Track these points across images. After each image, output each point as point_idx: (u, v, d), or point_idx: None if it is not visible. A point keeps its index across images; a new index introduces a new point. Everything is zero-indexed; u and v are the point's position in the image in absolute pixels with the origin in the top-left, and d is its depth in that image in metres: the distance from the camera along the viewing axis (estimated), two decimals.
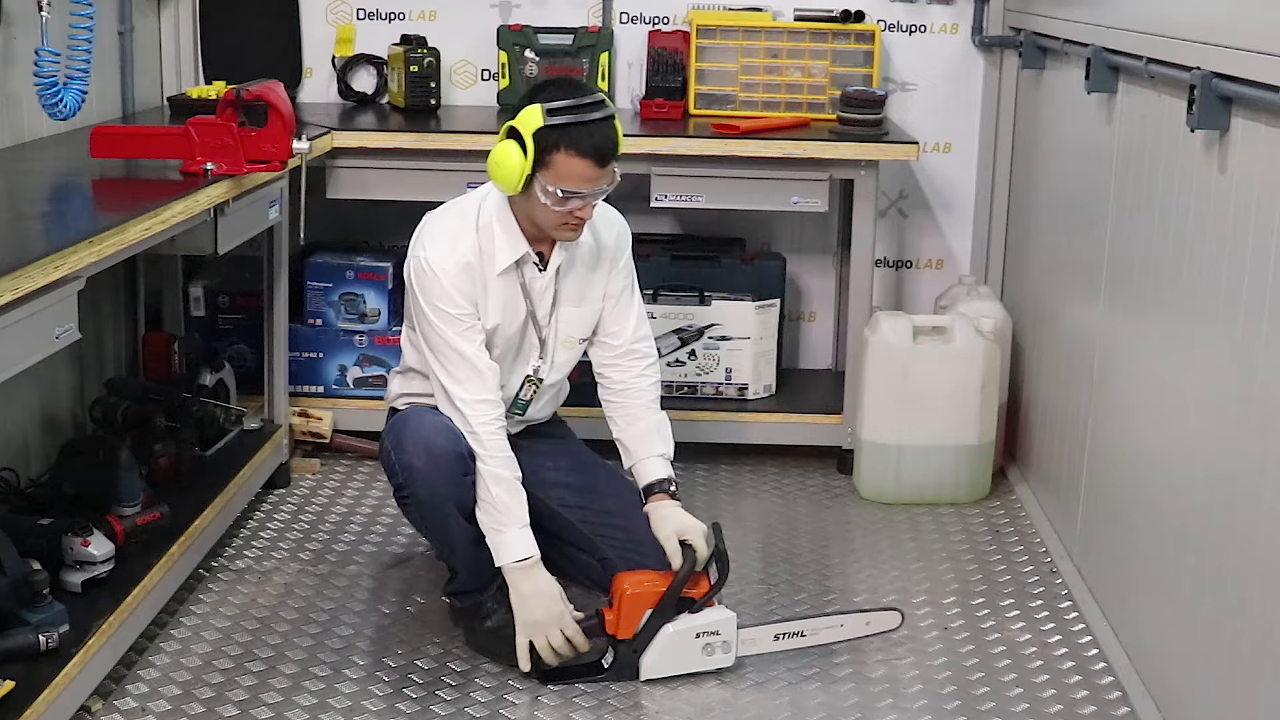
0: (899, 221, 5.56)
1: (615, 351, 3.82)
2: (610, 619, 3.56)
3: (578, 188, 3.49)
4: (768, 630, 3.67)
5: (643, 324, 3.86)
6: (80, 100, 3.87)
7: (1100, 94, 4.01)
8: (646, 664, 3.56)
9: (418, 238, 3.65)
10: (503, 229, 3.62)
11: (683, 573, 3.53)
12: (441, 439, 3.54)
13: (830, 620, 3.74)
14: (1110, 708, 3.50)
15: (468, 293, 3.58)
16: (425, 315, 3.58)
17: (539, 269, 3.68)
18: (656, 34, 5.30)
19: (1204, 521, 3.13)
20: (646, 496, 3.71)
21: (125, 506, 3.72)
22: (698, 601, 3.56)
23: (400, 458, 3.57)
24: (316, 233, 4.62)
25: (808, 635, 3.68)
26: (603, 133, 3.49)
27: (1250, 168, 2.97)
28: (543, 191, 3.49)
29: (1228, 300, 3.03)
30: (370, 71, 5.42)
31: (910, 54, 5.41)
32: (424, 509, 3.59)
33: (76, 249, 2.94)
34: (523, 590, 3.53)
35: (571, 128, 3.46)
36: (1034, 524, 4.58)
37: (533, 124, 3.46)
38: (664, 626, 3.55)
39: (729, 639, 3.58)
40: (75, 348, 3.54)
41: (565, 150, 3.46)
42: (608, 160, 3.51)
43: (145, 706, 3.41)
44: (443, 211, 3.71)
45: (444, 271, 3.56)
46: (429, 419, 3.60)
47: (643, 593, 3.54)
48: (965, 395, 4.71)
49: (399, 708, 3.43)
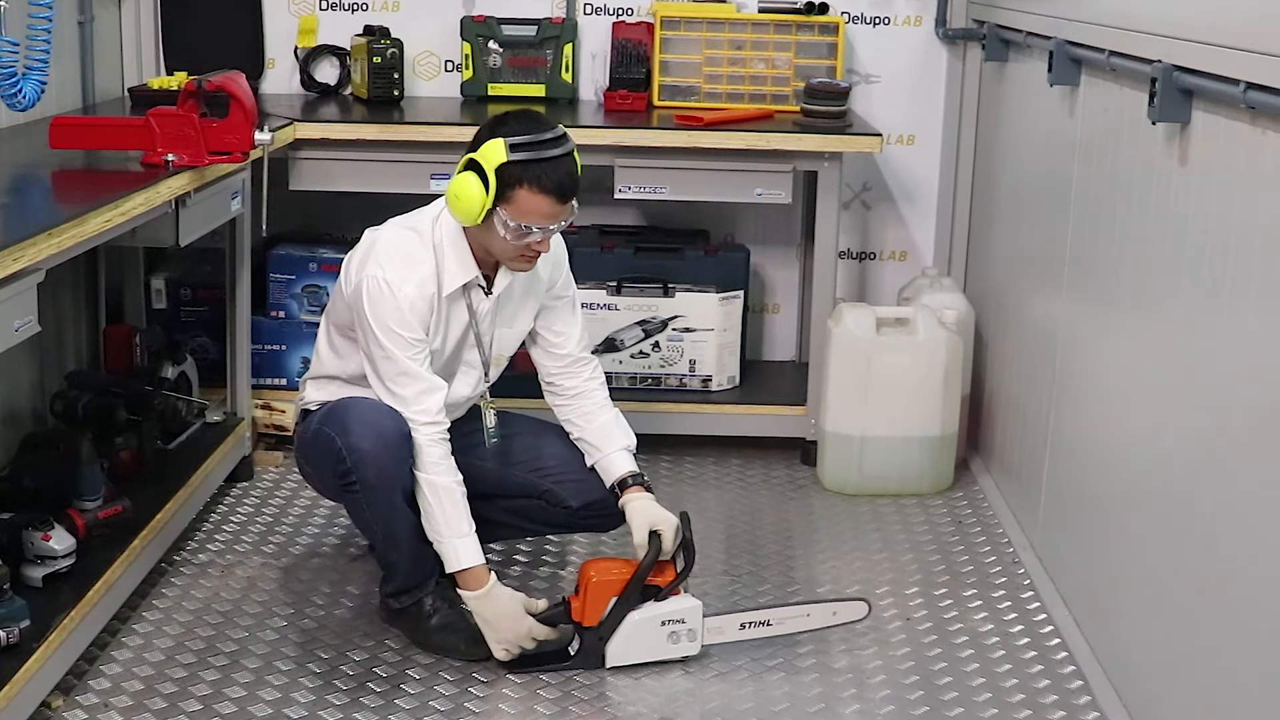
0: (862, 213, 5.57)
1: (564, 361, 3.84)
2: (576, 606, 3.57)
3: (538, 223, 3.48)
4: (734, 619, 3.69)
5: (585, 332, 3.91)
6: (39, 91, 3.84)
7: (1062, 86, 4.02)
8: (612, 651, 3.57)
9: (371, 255, 3.58)
10: (454, 252, 3.60)
11: (647, 560, 3.54)
12: (387, 420, 3.50)
13: (796, 610, 3.75)
14: (1072, 696, 3.52)
15: (424, 316, 3.55)
16: (375, 337, 3.52)
17: (485, 293, 3.68)
18: (620, 25, 5.30)
19: (1165, 511, 3.15)
20: (621, 490, 3.72)
21: (86, 500, 3.69)
22: (663, 590, 3.58)
23: (347, 441, 3.50)
24: (279, 225, 4.61)
25: (774, 625, 3.70)
26: (565, 169, 3.49)
27: (1210, 160, 2.99)
28: (502, 225, 3.48)
29: (1189, 291, 3.05)
30: (333, 62, 5.40)
31: (874, 46, 5.42)
32: (372, 494, 3.52)
33: (36, 241, 2.92)
34: (486, 617, 3.56)
35: (534, 164, 3.45)
36: (996, 514, 4.60)
37: (495, 159, 3.44)
38: (629, 614, 3.56)
39: (694, 627, 3.60)
40: (35, 340, 3.52)
41: (527, 186, 3.44)
42: (569, 197, 3.51)
43: (108, 702, 3.39)
44: (395, 228, 3.66)
45: (403, 295, 3.52)
46: (370, 403, 3.57)
47: (608, 580, 3.56)
48: (928, 387, 4.73)
49: (363, 701, 3.43)
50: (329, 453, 3.55)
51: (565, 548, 4.28)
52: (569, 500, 3.80)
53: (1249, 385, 2.73)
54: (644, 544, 3.57)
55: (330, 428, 3.57)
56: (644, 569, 3.55)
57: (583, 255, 5.06)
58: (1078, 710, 3.46)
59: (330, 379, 3.80)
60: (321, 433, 3.60)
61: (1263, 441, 2.66)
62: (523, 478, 3.83)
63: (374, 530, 3.64)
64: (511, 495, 3.84)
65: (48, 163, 3.79)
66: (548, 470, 3.82)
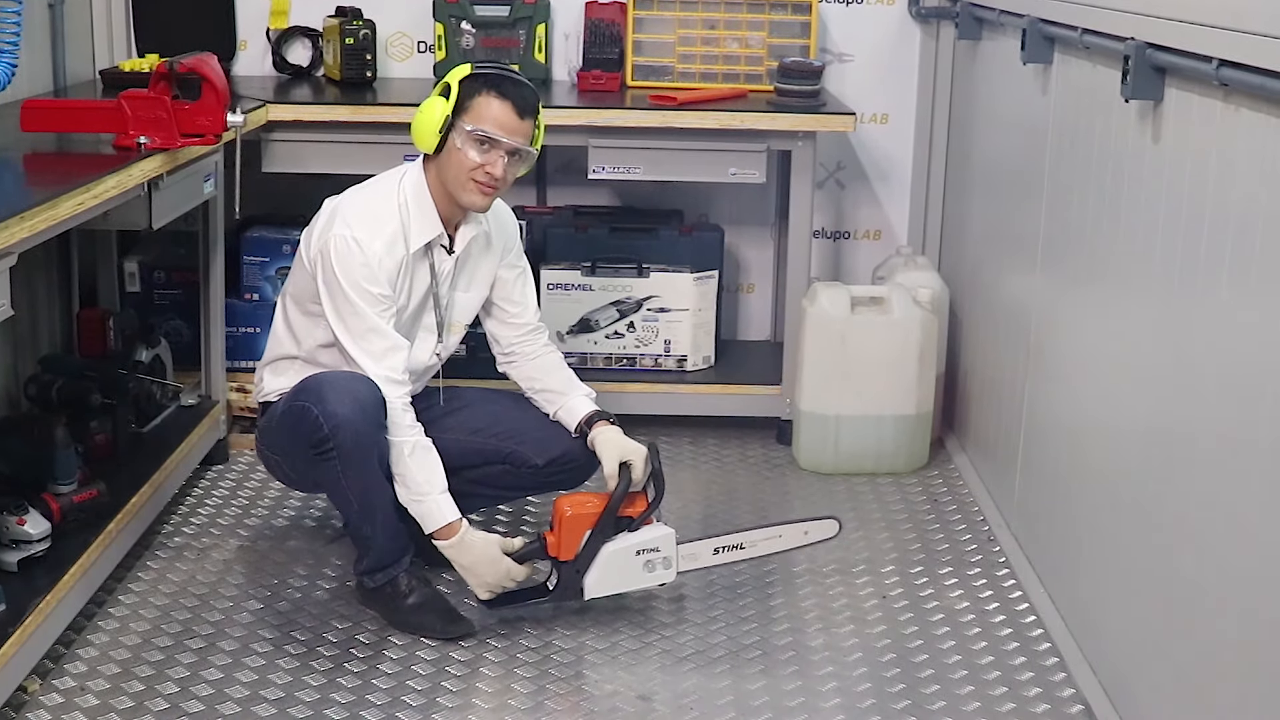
0: (836, 193, 5.58)
1: (522, 329, 3.91)
2: (552, 542, 3.61)
3: (495, 132, 3.56)
4: (707, 544, 3.76)
5: (537, 305, 3.98)
6: (10, 73, 3.82)
7: (1036, 65, 4.03)
8: (590, 583, 3.62)
9: (336, 216, 3.62)
10: (418, 209, 3.66)
11: (618, 492, 3.59)
12: (363, 386, 3.51)
13: (769, 531, 3.84)
14: (1048, 674, 3.53)
15: (391, 273, 3.60)
16: (343, 293, 3.56)
17: (447, 251, 3.73)
18: (593, 5, 5.29)
19: (1139, 489, 3.16)
20: (589, 427, 3.75)
21: (61, 484, 3.68)
22: (636, 520, 3.62)
23: (324, 409, 3.48)
24: (252, 207, 4.58)
25: (746, 548, 3.78)
26: (527, 89, 3.64)
27: (1183, 137, 2.99)
28: (460, 136, 3.56)
29: (1162, 269, 3.06)
30: (305, 44, 5.38)
31: (847, 25, 5.42)
32: (349, 460, 3.50)
33: (8, 225, 2.90)
34: (464, 563, 3.59)
35: (496, 76, 3.61)
36: (972, 493, 4.62)
37: (460, 74, 3.60)
38: (604, 545, 3.59)
39: (669, 555, 3.65)
40: (8, 325, 3.51)
41: (487, 93, 3.58)
42: (527, 113, 3.60)
43: (84, 686, 3.39)
44: (359, 190, 3.72)
45: (372, 252, 3.57)
46: (342, 373, 3.58)
47: (582, 514, 3.60)
48: (903, 365, 4.74)
49: (340, 682, 3.43)
50: (303, 423, 3.52)
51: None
52: (534, 459, 3.82)
53: (1221, 362, 2.74)
54: (614, 475, 3.62)
55: (303, 399, 3.56)
56: (615, 500, 3.59)
57: (557, 236, 5.08)
58: (1053, 687, 3.48)
59: (289, 360, 3.81)
60: (293, 407, 3.59)
61: (1235, 418, 2.67)
62: (484, 444, 3.85)
63: (349, 501, 3.61)
64: (476, 464, 3.85)
65: (19, 146, 3.77)
66: (508, 433, 3.84)
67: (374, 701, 3.35)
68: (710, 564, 3.77)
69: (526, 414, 3.87)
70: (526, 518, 4.31)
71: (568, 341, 4.98)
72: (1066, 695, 3.44)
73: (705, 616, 3.80)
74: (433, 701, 3.36)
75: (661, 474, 3.66)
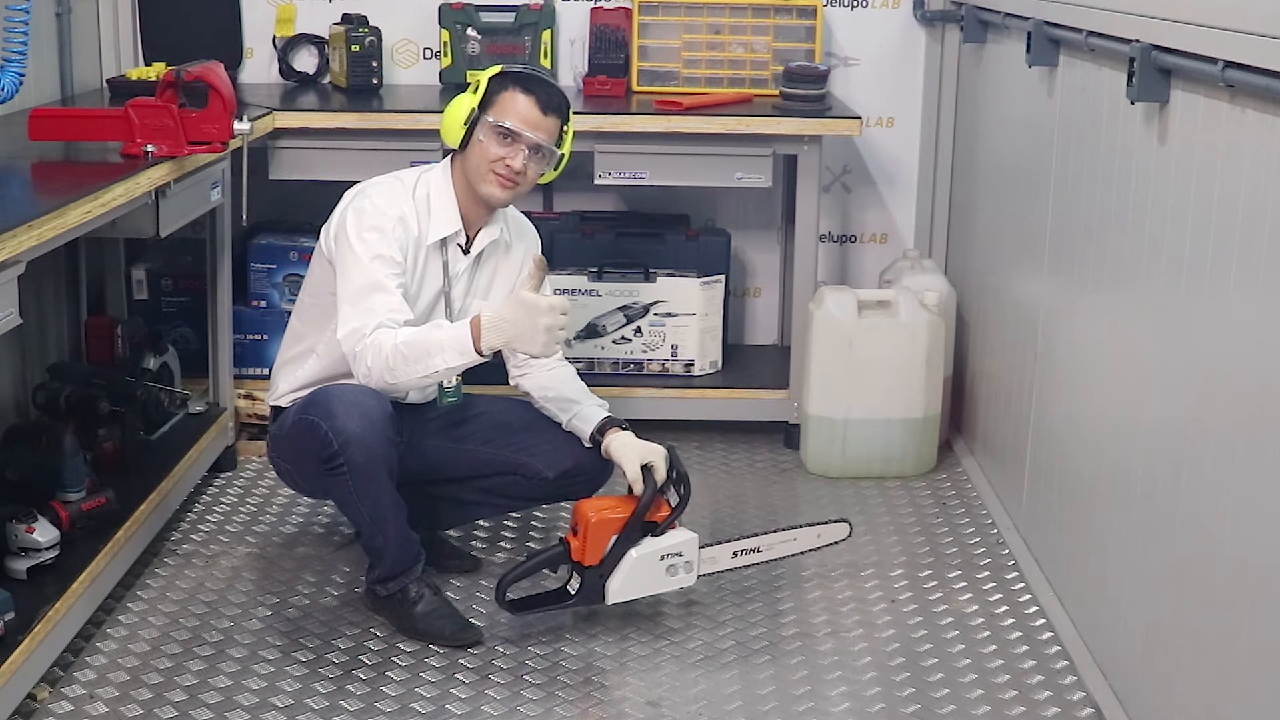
0: (843, 196, 5.58)
1: None
2: (575, 546, 3.60)
3: (517, 125, 3.60)
4: (726, 548, 3.79)
5: None
6: (18, 82, 3.82)
7: (1041, 67, 4.03)
8: (613, 588, 3.61)
9: (356, 194, 3.69)
10: (439, 204, 3.70)
11: (645, 498, 3.58)
12: (371, 400, 3.51)
13: (784, 535, 3.89)
14: (1058, 677, 3.53)
15: (403, 244, 3.62)
16: (352, 249, 3.56)
17: (463, 251, 3.73)
18: (599, 11, 5.29)
19: (1148, 491, 3.16)
20: (602, 434, 3.73)
21: (70, 492, 3.69)
22: (660, 525, 3.62)
23: (334, 424, 3.48)
24: (259, 214, 4.58)
25: (764, 551, 3.83)
26: (554, 89, 3.71)
27: (1189, 139, 2.99)
28: (484, 130, 3.61)
29: (1169, 271, 3.05)
30: (311, 51, 5.39)
31: (852, 29, 5.42)
32: (359, 475, 3.51)
33: (16, 233, 2.91)
34: (511, 334, 3.45)
35: (524, 74, 3.70)
36: (980, 496, 4.61)
37: (490, 73, 3.68)
38: (629, 551, 3.59)
39: (691, 559, 3.65)
40: (16, 333, 3.51)
41: (513, 89, 3.64)
42: (551, 110, 3.65)
43: (94, 693, 3.39)
44: (382, 177, 3.77)
45: (387, 217, 3.61)
46: (350, 386, 3.57)
47: (607, 520, 3.59)
48: (910, 369, 4.74)
49: (348, 689, 3.43)
50: (313, 439, 3.53)
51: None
52: (544, 471, 3.80)
53: (1230, 363, 2.74)
54: (638, 478, 3.60)
55: (312, 414, 3.56)
56: (643, 507, 3.58)
57: (564, 241, 5.08)
58: (1064, 690, 3.47)
59: (304, 355, 3.81)
60: (303, 421, 3.59)
61: (1244, 419, 2.67)
62: (495, 454, 3.84)
63: (360, 514, 3.62)
64: (486, 474, 3.85)
65: (27, 154, 3.77)
66: (519, 444, 3.83)
67: (383, 709, 3.35)
68: (729, 567, 3.79)
69: (538, 425, 3.85)
70: (534, 522, 4.32)
71: (575, 347, 4.97)
72: (1076, 698, 3.44)
73: (714, 620, 3.79)
74: (442, 709, 3.36)
75: (687, 478, 3.65)
